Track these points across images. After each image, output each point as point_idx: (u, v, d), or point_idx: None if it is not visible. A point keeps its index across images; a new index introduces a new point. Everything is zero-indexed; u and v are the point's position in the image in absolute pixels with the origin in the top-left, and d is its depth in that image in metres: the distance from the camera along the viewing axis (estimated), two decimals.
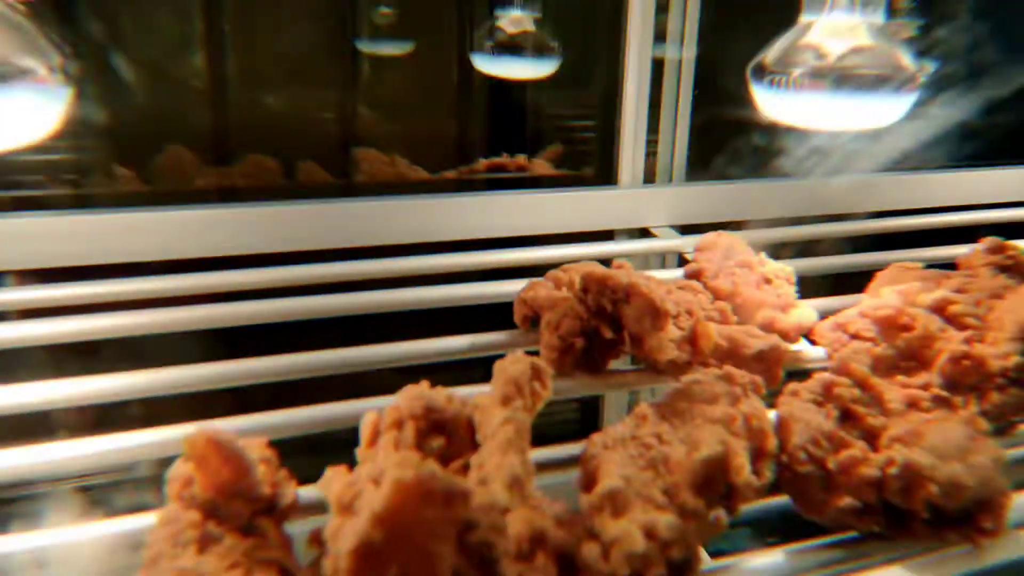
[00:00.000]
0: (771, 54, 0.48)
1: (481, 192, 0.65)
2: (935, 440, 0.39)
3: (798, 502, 0.40)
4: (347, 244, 0.64)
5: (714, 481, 0.34)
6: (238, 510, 0.32)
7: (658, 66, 0.70)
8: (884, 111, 0.48)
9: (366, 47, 0.91)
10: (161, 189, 0.91)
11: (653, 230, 0.68)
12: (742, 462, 0.36)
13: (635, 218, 0.68)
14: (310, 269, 0.56)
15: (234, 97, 0.90)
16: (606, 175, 0.72)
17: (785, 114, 0.50)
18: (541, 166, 0.98)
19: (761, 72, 0.49)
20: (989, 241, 0.55)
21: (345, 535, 0.26)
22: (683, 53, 0.70)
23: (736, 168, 0.79)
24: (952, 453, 0.39)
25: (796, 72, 0.47)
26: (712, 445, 0.33)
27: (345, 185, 0.87)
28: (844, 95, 0.47)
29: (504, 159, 0.96)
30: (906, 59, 0.47)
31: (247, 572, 0.30)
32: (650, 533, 0.31)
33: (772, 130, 0.68)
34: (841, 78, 0.47)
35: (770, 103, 0.49)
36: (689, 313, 0.47)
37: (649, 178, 0.73)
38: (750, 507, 0.37)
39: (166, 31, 0.87)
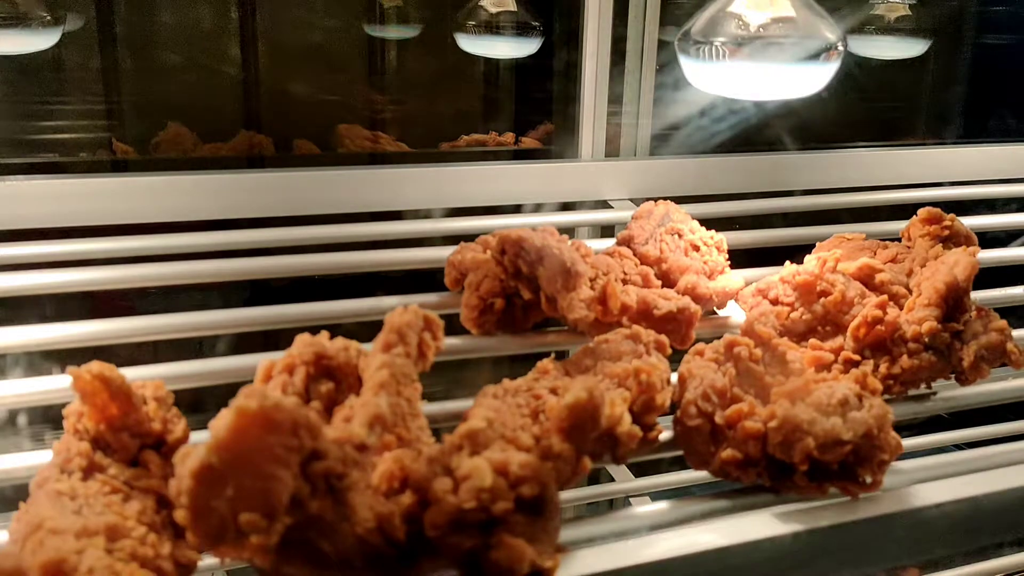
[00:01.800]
0: (697, 23, 0.49)
1: (442, 164, 0.67)
2: (820, 396, 0.40)
3: (687, 455, 0.42)
4: (313, 211, 0.66)
5: (584, 427, 0.36)
6: (125, 443, 0.34)
7: (621, 42, 0.71)
8: (806, 81, 0.48)
9: (372, 32, 0.93)
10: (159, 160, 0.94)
11: (612, 203, 0.70)
12: (620, 412, 0.38)
13: (594, 191, 0.70)
14: (276, 232, 0.58)
15: (232, 80, 0.93)
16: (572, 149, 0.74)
17: (709, 84, 0.51)
18: (531, 144, 0.99)
19: (687, 41, 0.50)
20: (925, 212, 0.56)
21: (190, 458, 0.28)
22: (646, 27, 0.71)
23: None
24: (834, 409, 0.40)
25: (719, 41, 0.48)
26: (576, 392, 0.35)
27: (323, 157, 0.90)
28: (765, 65, 0.47)
29: (491, 136, 0.97)
30: (829, 29, 0.48)
31: (125, 498, 0.33)
32: (502, 470, 0.32)
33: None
34: (763, 48, 0.48)
35: (695, 73, 0.50)
36: (606, 276, 0.49)
37: (615, 152, 0.74)
38: None
39: (166, 21, 0.90)
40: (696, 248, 0.53)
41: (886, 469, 0.39)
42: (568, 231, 0.71)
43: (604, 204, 0.70)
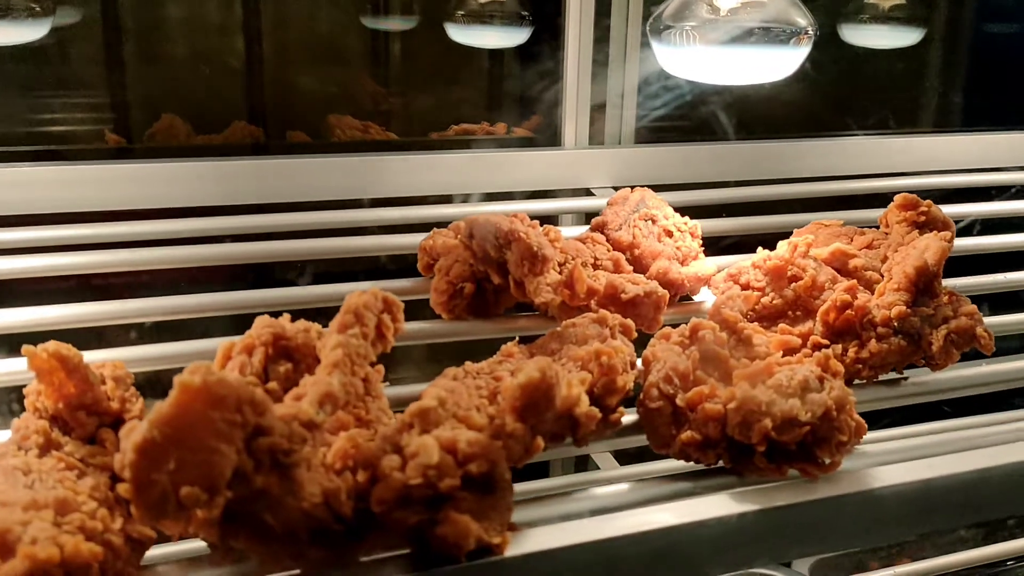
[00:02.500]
0: (667, 7, 0.49)
1: (423, 152, 0.67)
2: (780, 378, 0.40)
3: (649, 437, 0.42)
4: (296, 198, 0.67)
5: (537, 406, 0.36)
6: (83, 422, 0.35)
7: (605, 30, 0.71)
8: (776, 66, 0.48)
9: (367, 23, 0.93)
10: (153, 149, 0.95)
11: (595, 191, 0.70)
12: (577, 393, 0.38)
13: (577, 179, 0.70)
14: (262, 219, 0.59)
15: (226, 72, 0.94)
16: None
17: (679, 68, 0.51)
18: (522, 134, 0.99)
19: (657, 25, 0.50)
20: (901, 198, 0.56)
21: (134, 432, 0.28)
22: (630, 15, 0.71)
23: None
24: (793, 391, 0.40)
25: (688, 26, 0.48)
26: (529, 371, 0.35)
27: (312, 146, 0.90)
28: (735, 49, 0.47)
29: (481, 126, 0.98)
30: (799, 14, 0.48)
31: (80, 475, 0.33)
32: (450, 447, 0.33)
33: None
34: (732, 32, 0.48)
35: (666, 57, 0.50)
36: (574, 260, 0.49)
37: (599, 141, 0.74)
38: None
39: (160, 14, 0.90)
40: (669, 234, 0.53)
41: (845, 451, 0.39)
42: (551, 219, 0.71)
43: (588, 192, 0.70)
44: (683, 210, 0.65)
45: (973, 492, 0.36)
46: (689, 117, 0.79)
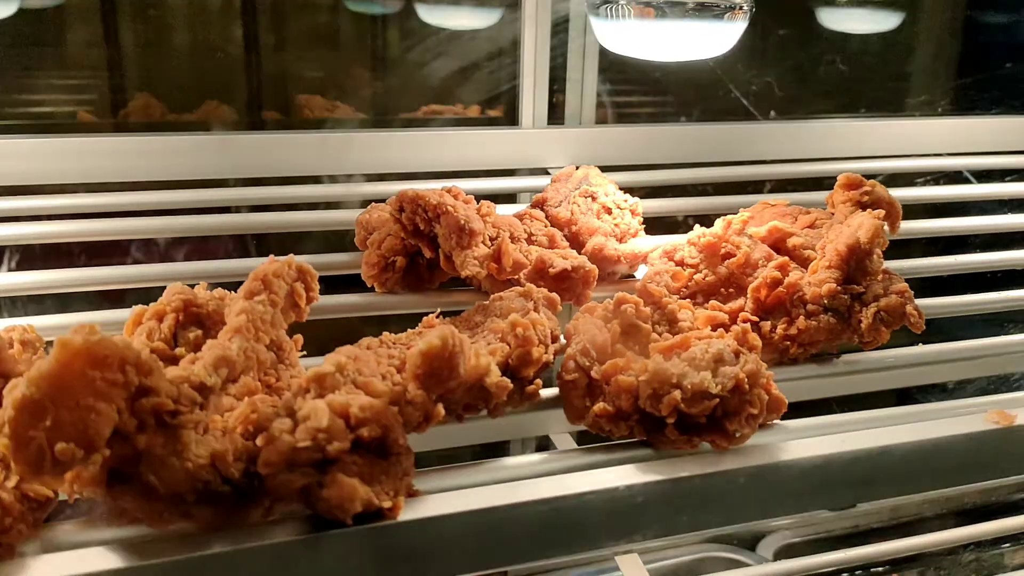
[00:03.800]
0: None
1: (381, 129, 0.67)
2: (695, 351, 0.40)
3: (566, 409, 0.42)
4: (256, 174, 0.67)
5: (439, 374, 0.36)
6: None
7: (564, 9, 0.71)
8: (711, 41, 0.48)
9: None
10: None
11: (553, 171, 0.70)
12: (485, 363, 0.38)
13: (535, 159, 0.70)
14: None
15: (200, 54, 0.94)
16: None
17: (617, 44, 0.50)
18: (497, 116, 0.99)
19: (595, 3, 0.50)
20: (845, 177, 0.55)
21: (15, 390, 0.29)
22: None
23: None
24: (707, 364, 0.40)
25: (623, 1, 0.48)
26: (429, 339, 0.35)
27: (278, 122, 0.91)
28: (668, 24, 0.47)
29: (455, 107, 0.97)
30: None
31: None
32: (342, 412, 0.33)
33: None
34: (666, 7, 0.47)
35: (602, 32, 0.50)
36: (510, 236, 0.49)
37: (559, 120, 0.74)
38: None
39: None
40: (608, 211, 0.53)
41: (755, 424, 0.39)
42: (509, 198, 0.71)
43: (546, 172, 0.70)
44: (641, 190, 0.65)
45: (873, 469, 0.36)
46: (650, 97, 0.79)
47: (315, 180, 0.71)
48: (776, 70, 0.94)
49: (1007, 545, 0.96)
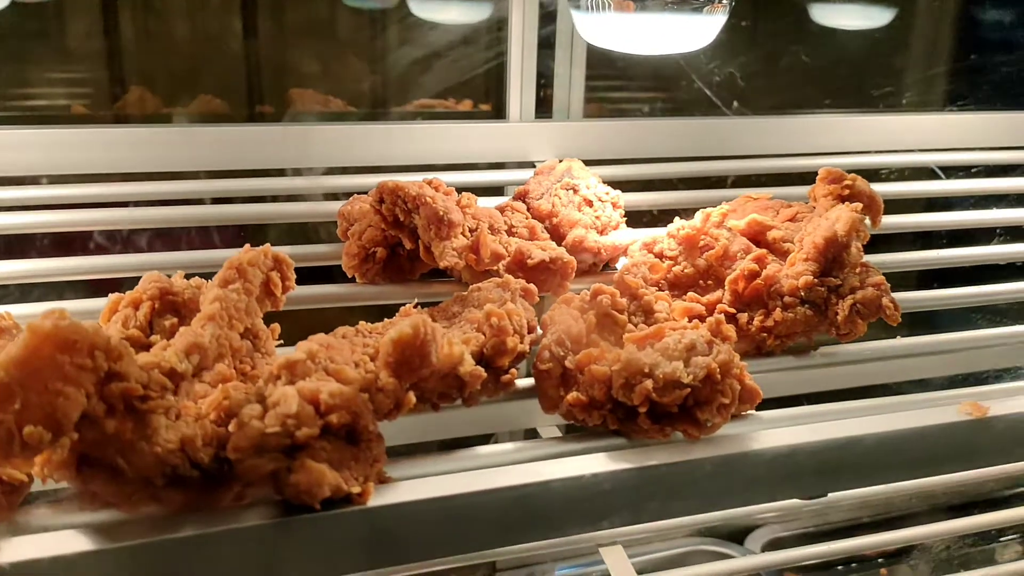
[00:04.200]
0: None
1: (367, 123, 0.67)
2: (668, 342, 0.41)
3: (540, 398, 0.42)
4: (240, 166, 0.67)
5: (411, 362, 0.36)
6: None
7: (552, 2, 0.71)
8: (690, 34, 0.49)
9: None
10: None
11: (538, 164, 0.70)
12: (459, 352, 0.38)
13: (521, 152, 0.70)
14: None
15: (196, 47, 0.94)
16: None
17: (597, 37, 0.51)
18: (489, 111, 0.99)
19: None
20: (826, 171, 0.56)
21: None
22: None
23: None
24: (679, 354, 0.40)
25: None
26: (401, 327, 0.36)
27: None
28: (648, 16, 0.48)
29: (447, 102, 0.98)
30: None
31: None
32: (312, 398, 0.33)
33: None
34: (646, 0, 0.48)
35: (584, 26, 0.51)
36: (488, 228, 0.49)
37: (547, 114, 0.74)
38: None
39: None
40: (590, 203, 0.53)
41: (727, 413, 0.40)
42: (497, 191, 0.71)
43: (533, 166, 0.71)
44: (629, 184, 0.66)
45: (840, 459, 0.36)
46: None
47: (297, 173, 0.71)
48: (769, 65, 0.95)
49: (997, 539, 0.96)
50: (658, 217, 0.67)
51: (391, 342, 0.36)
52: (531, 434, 0.83)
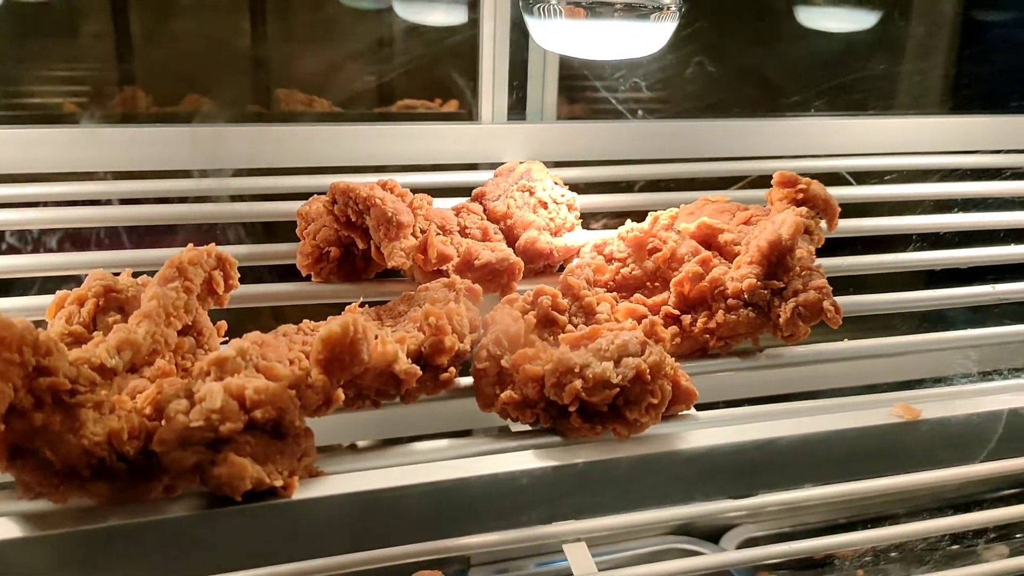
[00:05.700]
0: None
1: (343, 124, 0.69)
2: (602, 342, 0.42)
3: (477, 396, 0.43)
4: (221, 165, 0.69)
5: (341, 360, 0.37)
6: None
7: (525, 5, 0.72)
8: (640, 41, 0.49)
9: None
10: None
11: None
12: (392, 350, 0.39)
13: (493, 153, 0.71)
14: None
15: (185, 48, 0.96)
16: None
17: (550, 43, 0.52)
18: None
19: (529, 1, 0.51)
20: (780, 175, 0.56)
21: None
22: None
23: None
24: (611, 354, 0.41)
25: (554, 1, 0.49)
26: (330, 326, 0.37)
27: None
28: (597, 23, 0.48)
29: (431, 103, 0.99)
30: None
31: None
32: (237, 394, 0.34)
33: None
34: (595, 6, 0.49)
35: (537, 32, 0.52)
36: (440, 228, 0.50)
37: (520, 116, 0.75)
38: None
39: None
40: (544, 205, 0.54)
41: (657, 413, 0.40)
42: (465, 192, 0.72)
43: None
44: (600, 186, 0.66)
45: (759, 459, 0.37)
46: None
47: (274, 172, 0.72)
48: (754, 68, 0.95)
49: (974, 540, 0.96)
50: (622, 219, 0.67)
51: (320, 340, 0.37)
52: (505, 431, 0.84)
